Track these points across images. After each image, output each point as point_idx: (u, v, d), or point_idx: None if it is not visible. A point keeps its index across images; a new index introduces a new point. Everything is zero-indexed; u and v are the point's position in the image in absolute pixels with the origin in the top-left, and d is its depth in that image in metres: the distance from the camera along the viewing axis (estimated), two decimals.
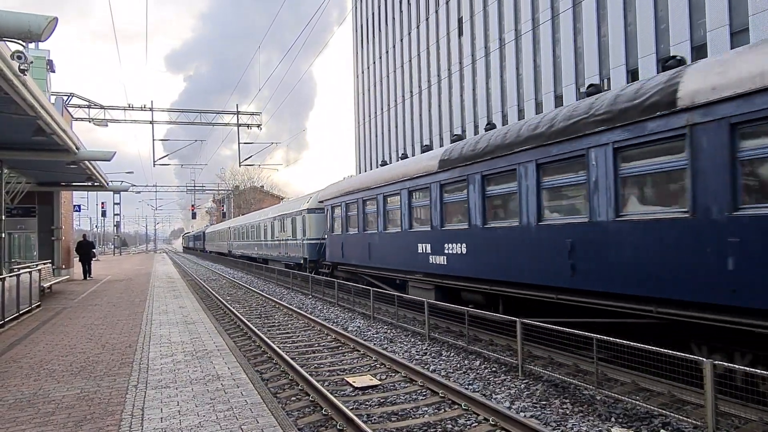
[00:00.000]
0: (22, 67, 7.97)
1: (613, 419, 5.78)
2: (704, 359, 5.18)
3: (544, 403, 6.40)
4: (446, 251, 11.34)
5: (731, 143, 5.81)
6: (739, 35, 20.38)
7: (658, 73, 23.92)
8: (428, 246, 12.06)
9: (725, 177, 5.84)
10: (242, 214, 57.81)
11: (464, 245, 10.70)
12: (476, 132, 36.26)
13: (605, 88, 25.84)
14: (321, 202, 20.28)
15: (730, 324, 5.87)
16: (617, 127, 7.15)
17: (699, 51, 21.70)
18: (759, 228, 5.54)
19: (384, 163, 16.23)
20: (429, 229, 12.02)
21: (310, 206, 22.08)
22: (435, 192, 11.73)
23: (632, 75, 25.07)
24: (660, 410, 5.61)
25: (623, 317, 7.39)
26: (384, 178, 14.42)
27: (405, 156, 15.58)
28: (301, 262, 22.55)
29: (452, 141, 11.20)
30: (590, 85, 8.89)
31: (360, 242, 15.92)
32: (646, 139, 6.76)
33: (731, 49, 19.77)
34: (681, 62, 7.03)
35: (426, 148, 14.04)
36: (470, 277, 10.56)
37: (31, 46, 9.67)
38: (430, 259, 11.94)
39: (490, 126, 11.55)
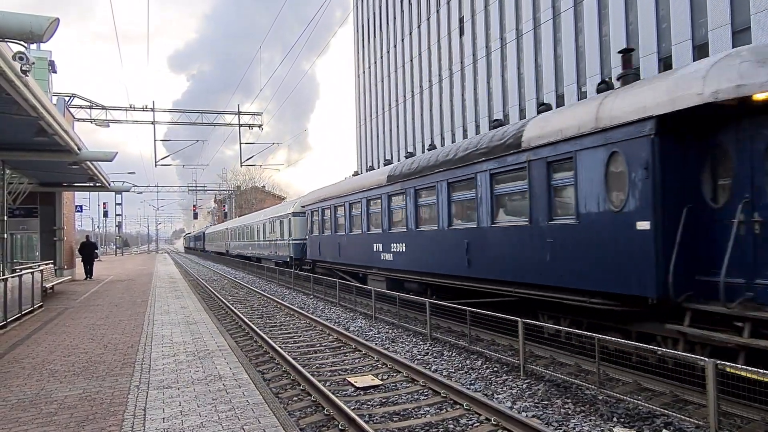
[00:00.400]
0: (23, 68, 7.98)
1: (615, 419, 5.77)
2: (706, 359, 5.17)
3: (545, 402, 6.39)
4: (392, 250, 14.00)
5: (548, 175, 8.48)
6: (740, 34, 20.33)
7: (659, 72, 23.83)
8: (380, 245, 14.71)
9: (545, 198, 8.52)
10: (243, 215, 57.93)
11: (404, 245, 13.39)
12: (477, 132, 36.27)
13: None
14: (303, 207, 23.04)
15: (555, 298, 8.35)
16: (491, 159, 9.81)
17: (701, 50, 21.66)
18: (562, 232, 8.18)
19: (356, 173, 19.06)
20: (381, 231, 14.67)
21: (294, 210, 24.56)
22: (384, 201, 14.45)
23: (633, 74, 25.03)
24: (662, 410, 5.61)
25: (499, 297, 9.96)
26: (350, 188, 17.16)
27: (388, 162, 17.97)
28: (288, 260, 24.92)
29: (406, 157, 13.40)
30: (494, 120, 11.37)
31: (332, 242, 18.60)
32: (507, 169, 9.47)
33: (733, 48, 19.77)
34: (609, 86, 8.52)
35: (431, 146, 15.16)
36: (409, 270, 13.19)
37: (33, 47, 9.70)
38: (382, 256, 14.62)
39: (431, 146, 14.55)
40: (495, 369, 7.94)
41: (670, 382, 6.37)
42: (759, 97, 5.77)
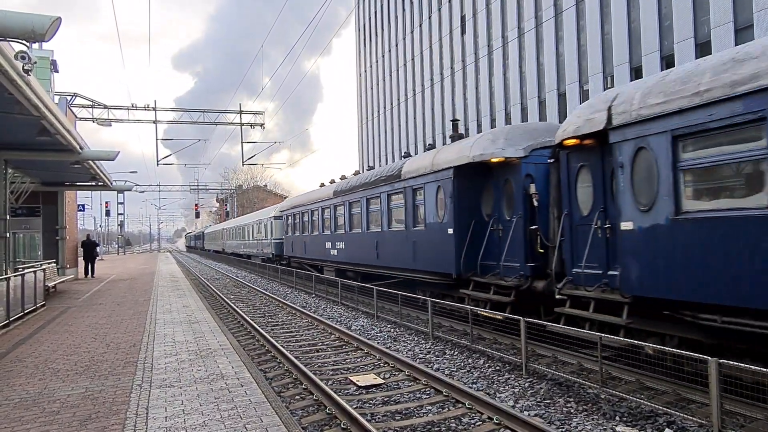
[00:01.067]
0: (25, 68, 7.99)
1: (617, 418, 5.76)
2: (709, 358, 5.16)
3: (548, 401, 6.38)
4: (336, 247, 18.52)
5: (413, 197, 12.80)
6: (743, 32, 20.27)
7: (661, 70, 23.78)
8: (330, 244, 19.23)
9: (411, 212, 12.82)
10: (245, 214, 58.15)
11: (344, 243, 17.87)
12: (479, 130, 36.20)
13: (609, 85, 25.77)
14: (281, 212, 27.89)
15: (420, 278, 12.55)
16: (388, 184, 14.21)
17: (703, 48, 21.60)
18: (418, 235, 12.55)
19: (322, 185, 22.45)
20: (330, 233, 19.24)
21: (275, 214, 29.19)
22: (331, 211, 19.18)
23: (636, 72, 24.97)
24: (665, 409, 5.59)
25: (393, 278, 13.99)
26: (312, 199, 21.90)
27: (371, 167, 22.18)
28: (270, 256, 29.62)
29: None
30: (406, 153, 15.00)
31: (300, 241, 23.54)
32: (395, 191, 13.83)
33: (735, 45, 19.69)
34: (433, 146, 14.14)
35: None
36: (347, 263, 17.61)
37: (35, 46, 9.69)
38: (331, 252, 19.12)
39: (370, 167, 19.73)
40: (497, 368, 7.94)
41: (673, 381, 6.36)
42: (493, 159, 10.24)
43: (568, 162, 8.37)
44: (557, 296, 8.29)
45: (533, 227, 9.44)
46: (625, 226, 6.97)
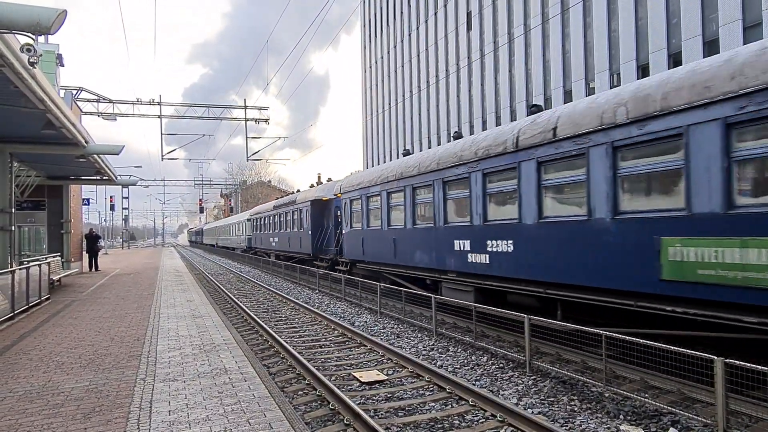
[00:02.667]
0: (31, 60, 8.00)
1: (621, 417, 5.74)
2: (715, 357, 5.12)
3: (551, 399, 6.36)
4: (274, 241, 29.77)
5: (300, 213, 24.07)
6: (752, 30, 20.12)
7: (668, 68, 23.63)
8: (271, 238, 30.03)
9: (298, 221, 24.30)
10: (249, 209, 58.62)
11: (277, 238, 28.55)
12: (484, 127, 36.08)
13: (615, 83, 25.61)
14: (250, 216, 38.36)
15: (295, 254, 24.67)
16: (290, 205, 25.99)
17: (711, 46, 21.46)
18: (370, 235, 15.74)
19: (285, 194, 33.05)
20: (271, 232, 30.04)
21: (247, 218, 40.05)
22: (271, 218, 30.32)
23: (643, 70, 24.84)
24: (669, 408, 5.56)
25: (379, 272, 15.57)
26: (264, 209, 32.68)
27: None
28: (245, 248, 40.20)
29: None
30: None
31: (261, 237, 33.80)
32: (291, 210, 25.47)
33: (744, 43, 19.56)
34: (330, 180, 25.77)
35: (427, 148, 19.19)
36: (279, 250, 27.75)
37: (41, 39, 9.70)
38: (272, 244, 29.76)
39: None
40: (501, 365, 7.92)
41: (677, 380, 6.32)
42: (324, 198, 21.55)
43: (340, 203, 19.21)
44: (340, 260, 18.88)
45: (338, 231, 19.60)
46: (345, 231, 17.84)
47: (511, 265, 9.48)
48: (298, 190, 29.06)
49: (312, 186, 25.98)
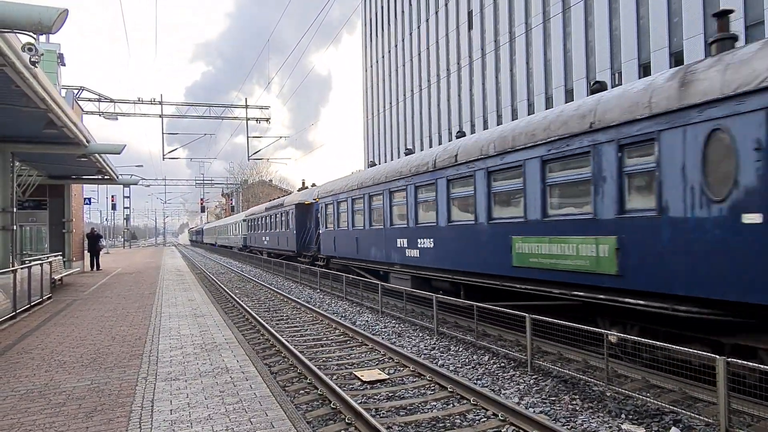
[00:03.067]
0: (32, 59, 7.99)
1: (623, 416, 5.73)
2: (717, 356, 5.11)
3: (553, 398, 6.36)
4: (265, 239, 32.20)
5: (286, 216, 26.49)
6: (754, 28, 20.08)
7: (670, 66, 23.57)
8: (263, 237, 32.22)
9: (284, 223, 26.90)
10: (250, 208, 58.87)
11: (268, 237, 31.64)
12: (485, 127, 36.06)
13: (616, 81, 25.58)
14: (246, 216, 40.44)
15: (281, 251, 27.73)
16: (277, 208, 28.85)
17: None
18: (340, 235, 18.31)
19: (285, 193, 35.98)
20: (263, 231, 32.15)
21: (242, 219, 42.37)
22: (263, 219, 32.71)
23: (644, 69, 24.80)
24: (671, 407, 5.56)
25: (347, 265, 17.86)
26: (255, 211, 35.97)
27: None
28: (241, 246, 42.77)
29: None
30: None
31: (256, 236, 35.51)
32: (278, 213, 28.16)
33: (745, 42, 19.53)
34: (306, 186, 29.28)
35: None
36: (268, 248, 31.39)
37: (42, 39, 9.69)
38: (264, 242, 32.31)
39: (314, 184, 27.87)
40: (502, 364, 7.91)
41: (679, 380, 6.32)
42: (305, 203, 24.04)
43: (317, 207, 21.59)
44: (319, 256, 21.24)
45: (317, 231, 21.72)
46: (321, 231, 20.32)
47: (433, 257, 12.15)
48: (290, 192, 35.15)
49: (299, 190, 28.86)
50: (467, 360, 8.30)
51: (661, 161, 6.56)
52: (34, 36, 7.66)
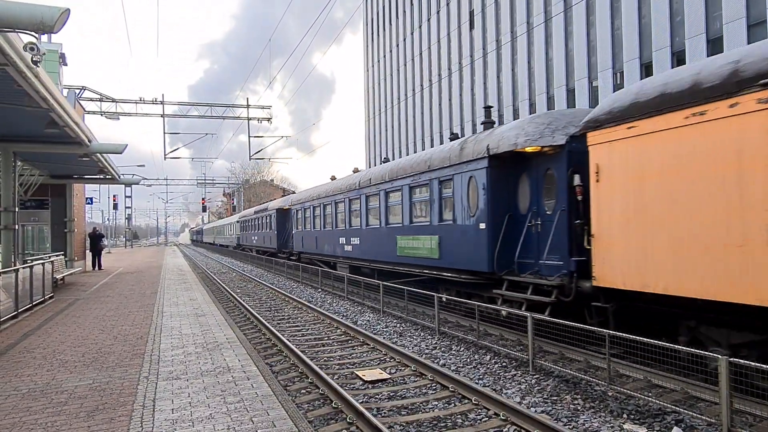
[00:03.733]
0: (34, 59, 8.00)
1: (625, 415, 5.72)
2: (719, 356, 5.10)
3: (555, 398, 6.35)
4: (254, 239, 35.65)
5: (272, 218, 30.22)
6: (756, 28, 20.03)
7: (672, 66, 23.49)
8: (253, 237, 35.99)
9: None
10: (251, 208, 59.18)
11: (257, 237, 34.73)
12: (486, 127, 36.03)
13: (618, 81, 25.54)
14: (239, 218, 44.29)
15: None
16: (261, 212, 33.05)
17: (715, 44, 21.37)
18: (306, 234, 23.24)
19: (386, 161, 34.25)
20: (252, 232, 36.23)
21: (237, 219, 46.06)
22: (253, 221, 36.28)
23: (646, 69, 24.76)
24: (673, 407, 5.55)
25: (311, 259, 22.58)
26: (247, 213, 39.76)
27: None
28: (234, 245, 46.43)
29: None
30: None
31: (250, 236, 38.01)
32: (263, 216, 32.62)
33: (748, 44, 19.46)
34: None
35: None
36: (258, 246, 34.49)
37: (44, 38, 9.70)
38: (253, 240, 36.30)
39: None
40: (504, 364, 7.90)
41: (681, 379, 6.31)
42: (285, 207, 28.37)
43: (292, 212, 26.11)
44: (292, 252, 26.18)
45: (292, 232, 25.98)
46: (294, 231, 25.58)
47: (359, 251, 16.76)
48: (292, 192, 38.41)
49: (281, 196, 34.60)
50: (469, 360, 8.29)
51: (454, 191, 11.19)
52: (36, 35, 7.67)
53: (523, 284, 9.28)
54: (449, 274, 11.36)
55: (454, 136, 13.69)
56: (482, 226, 10.10)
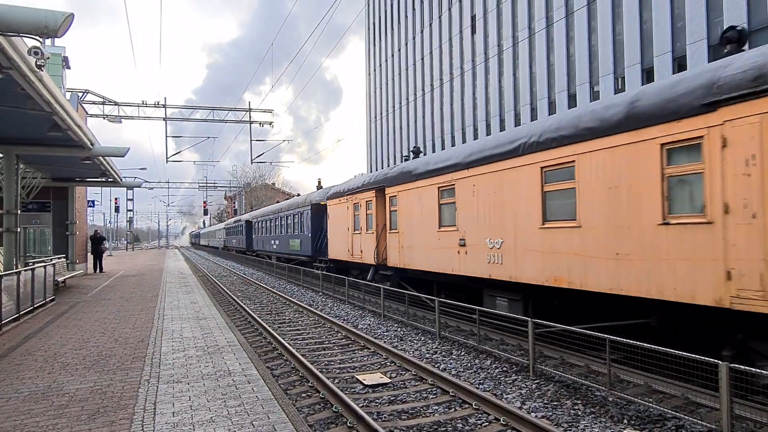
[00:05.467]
0: (38, 63, 8.05)
1: (625, 421, 5.72)
2: (719, 362, 5.10)
3: (555, 403, 6.35)
4: (274, 244, 31.06)
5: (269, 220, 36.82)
6: (757, 33, 20.06)
7: (673, 72, 23.52)
8: (275, 242, 30.85)
9: (258, 231, 36.57)
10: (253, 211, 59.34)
11: (275, 242, 30.97)
12: (488, 132, 36.08)
13: (619, 86, 25.56)
14: (226, 225, 53.14)
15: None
16: (235, 223, 48.64)
17: (716, 50, 21.39)
18: (259, 239, 36.10)
19: (288, 196, 42.84)
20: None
21: (223, 227, 56.00)
22: (245, 227, 41.71)
23: (647, 74, 24.79)
24: (673, 413, 5.54)
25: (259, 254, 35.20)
26: (233, 220, 52.00)
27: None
28: (222, 247, 54.58)
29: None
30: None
31: (231, 239, 47.60)
32: (257, 221, 38.34)
33: (749, 47, 19.43)
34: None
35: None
36: (261, 249, 36.78)
37: (48, 42, 9.75)
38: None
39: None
40: (504, 369, 7.90)
41: (682, 385, 6.30)
42: (250, 220, 39.28)
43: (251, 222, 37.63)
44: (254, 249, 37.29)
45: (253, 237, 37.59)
46: (254, 237, 38.66)
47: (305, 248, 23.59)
48: (292, 196, 42.77)
49: (285, 199, 38.35)
50: (469, 364, 8.29)
51: (301, 218, 24.63)
52: (40, 39, 7.72)
53: (323, 260, 20.28)
54: (304, 258, 23.16)
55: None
56: (309, 234, 21.79)
